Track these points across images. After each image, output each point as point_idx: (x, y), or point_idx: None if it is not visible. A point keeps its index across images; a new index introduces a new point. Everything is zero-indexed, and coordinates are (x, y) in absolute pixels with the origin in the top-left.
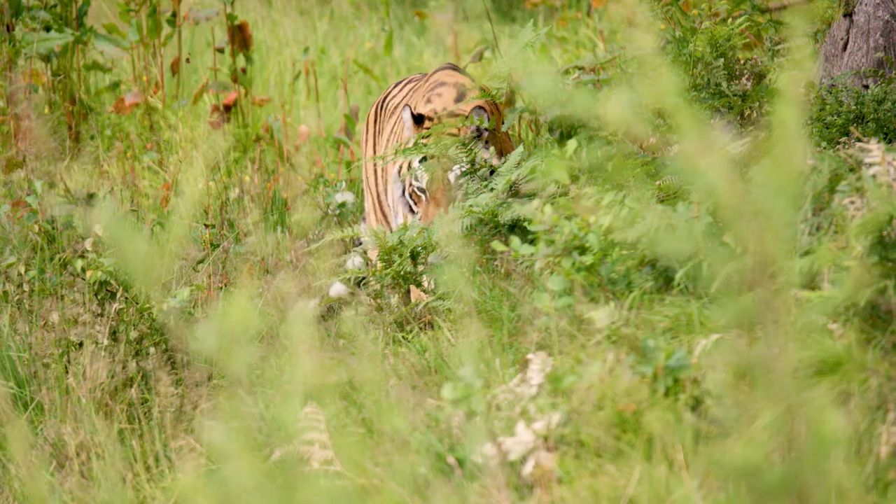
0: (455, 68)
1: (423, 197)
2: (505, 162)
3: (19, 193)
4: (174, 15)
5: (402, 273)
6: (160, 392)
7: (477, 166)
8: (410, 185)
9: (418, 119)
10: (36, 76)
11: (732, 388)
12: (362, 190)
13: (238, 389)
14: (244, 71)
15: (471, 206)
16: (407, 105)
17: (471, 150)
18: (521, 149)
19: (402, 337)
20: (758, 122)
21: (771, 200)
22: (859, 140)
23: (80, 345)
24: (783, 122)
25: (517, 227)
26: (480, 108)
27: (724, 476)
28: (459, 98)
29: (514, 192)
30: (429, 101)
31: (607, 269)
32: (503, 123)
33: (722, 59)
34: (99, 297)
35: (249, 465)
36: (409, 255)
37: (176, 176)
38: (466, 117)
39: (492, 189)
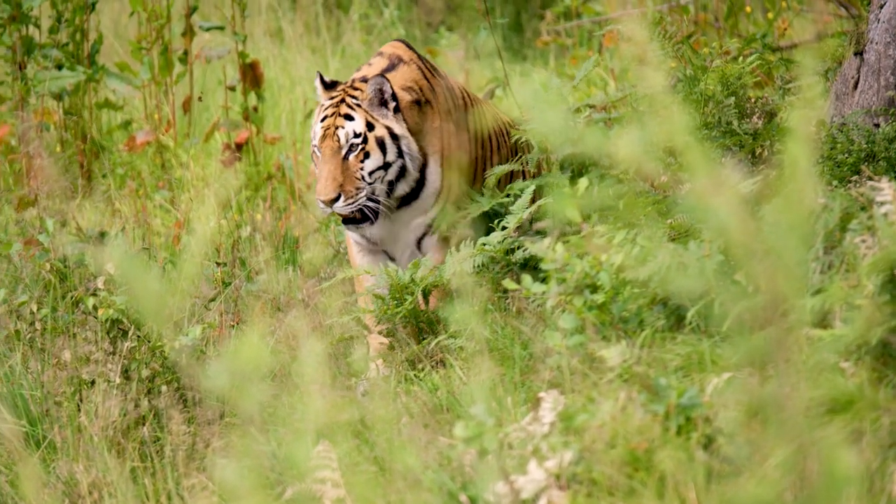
0: (405, 43)
1: (318, 155)
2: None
3: (31, 232)
4: (186, 53)
5: (413, 312)
6: (172, 430)
7: (372, 130)
8: (312, 144)
9: (329, 85)
10: (48, 114)
11: (744, 426)
12: None
13: (250, 428)
14: (256, 109)
15: (482, 244)
16: (318, 71)
17: (365, 111)
18: (532, 186)
19: (414, 375)
20: (769, 161)
21: (782, 239)
22: (870, 179)
23: (93, 383)
24: (794, 161)
25: (529, 266)
26: (381, 76)
27: None
28: (389, 69)
29: (525, 230)
30: (359, 69)
31: (619, 308)
32: (450, 114)
33: (733, 98)
34: (111, 336)
35: (262, 503)
36: (420, 293)
37: (187, 214)
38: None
39: (503, 227)
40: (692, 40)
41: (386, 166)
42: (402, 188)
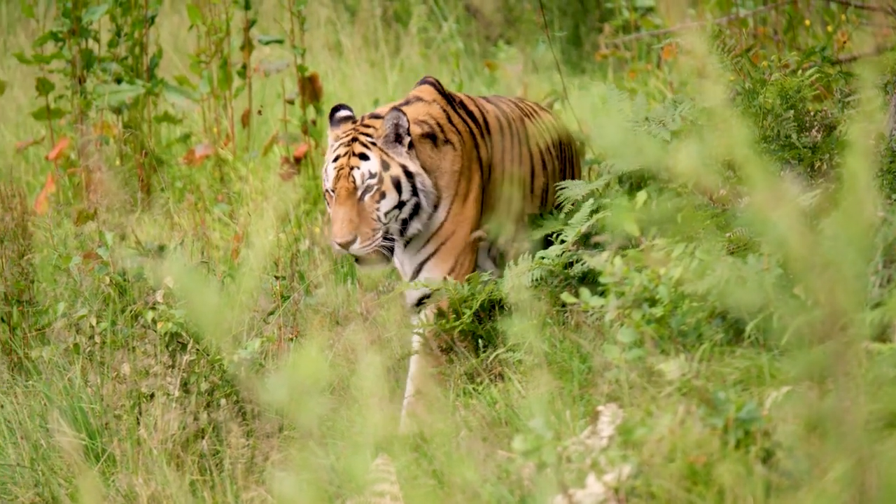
0: (434, 86)
1: (332, 197)
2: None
3: (90, 245)
4: (245, 67)
5: (472, 325)
6: (231, 443)
7: (388, 169)
8: (324, 186)
9: (339, 120)
10: (107, 128)
11: (803, 440)
12: None
13: (309, 441)
14: (314, 123)
15: (541, 257)
16: (338, 106)
17: (380, 150)
18: (590, 200)
19: (473, 388)
20: (828, 174)
21: (841, 252)
22: None
23: (152, 396)
24: (853, 174)
25: (587, 279)
26: (397, 109)
27: None
28: (404, 104)
29: (584, 243)
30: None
31: (678, 322)
32: (479, 154)
33: (792, 111)
34: (170, 349)
35: None
36: (479, 306)
37: (246, 228)
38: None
39: (562, 241)
40: (751, 53)
41: (400, 205)
42: (416, 226)
